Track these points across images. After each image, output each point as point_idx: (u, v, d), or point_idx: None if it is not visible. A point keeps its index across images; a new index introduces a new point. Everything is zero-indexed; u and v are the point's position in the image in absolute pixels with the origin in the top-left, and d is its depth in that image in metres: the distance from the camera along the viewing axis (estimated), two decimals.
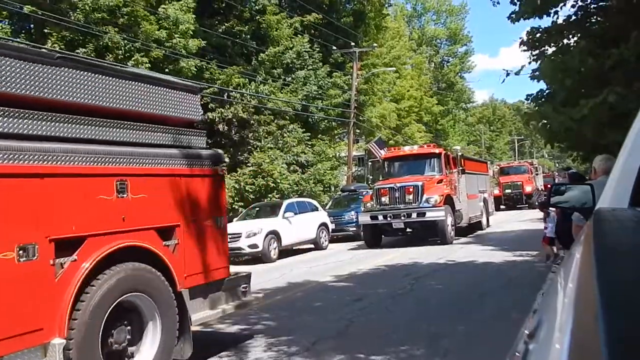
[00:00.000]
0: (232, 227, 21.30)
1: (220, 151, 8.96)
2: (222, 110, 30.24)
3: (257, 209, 24.29)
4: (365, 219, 22.57)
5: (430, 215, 21.37)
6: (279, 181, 28.89)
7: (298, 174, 31.07)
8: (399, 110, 56.55)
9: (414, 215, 21.58)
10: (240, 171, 28.75)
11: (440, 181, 22.57)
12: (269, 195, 28.50)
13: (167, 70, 26.25)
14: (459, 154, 24.46)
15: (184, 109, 8.46)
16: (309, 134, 34.32)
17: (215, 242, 8.45)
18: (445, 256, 18.11)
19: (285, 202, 23.53)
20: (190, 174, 8.07)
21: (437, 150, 23.99)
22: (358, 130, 42.25)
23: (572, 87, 13.63)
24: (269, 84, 32.55)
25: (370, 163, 28.99)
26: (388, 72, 48.43)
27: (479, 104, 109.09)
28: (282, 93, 33.39)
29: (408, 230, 22.75)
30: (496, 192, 43.37)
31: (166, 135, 8.08)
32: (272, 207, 23.65)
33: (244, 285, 9.07)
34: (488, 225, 28.73)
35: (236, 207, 26.64)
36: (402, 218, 21.76)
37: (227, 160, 27.58)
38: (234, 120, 30.47)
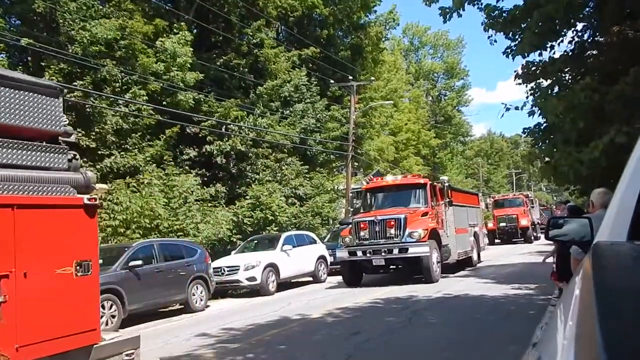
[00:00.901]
0: (231, 259, 21.41)
1: (90, 174, 6.95)
2: (221, 143, 30.04)
3: (256, 241, 23.99)
4: (343, 254, 20.46)
5: (414, 251, 19.41)
6: (277, 214, 28.52)
7: (296, 207, 30.71)
8: (396, 143, 56.49)
9: (396, 251, 19.59)
10: (238, 204, 28.26)
11: (425, 214, 20.60)
12: (267, 227, 28.13)
13: (164, 103, 26.17)
14: (446, 184, 22.32)
15: (37, 117, 6.33)
16: (307, 166, 34.00)
17: (77, 297, 6.37)
18: (442, 289, 17.84)
19: (284, 235, 23.26)
20: (37, 204, 6.04)
21: (422, 181, 22.05)
22: (356, 163, 41.84)
23: (583, 126, 13.48)
24: (267, 117, 32.32)
25: (351, 194, 28.26)
26: (385, 105, 48.16)
27: (476, 137, 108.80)
28: (280, 126, 33.21)
29: (391, 267, 21.00)
30: (490, 225, 42.60)
31: (4, 151, 6.04)
32: (271, 240, 23.37)
33: (130, 352, 7.01)
34: (479, 261, 26.77)
35: (234, 239, 26.07)
36: (383, 254, 19.74)
37: (224, 192, 28.51)
38: (232, 152, 30.33)
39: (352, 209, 24.96)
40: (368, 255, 19.82)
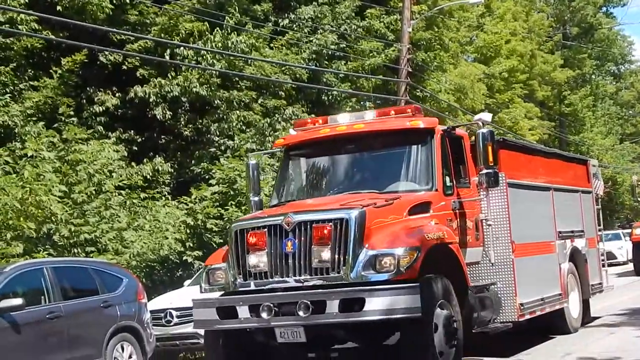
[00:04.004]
0: (182, 296, 17.01)
1: None
2: (162, 82, 24.35)
3: None
4: (204, 315, 12.31)
5: (379, 306, 10.73)
6: None
7: None
8: (490, 78, 46.78)
9: (333, 306, 10.82)
10: (195, 193, 22.90)
11: (422, 206, 12.04)
12: None
13: (59, 8, 22.76)
14: (486, 132, 12.61)
15: None
16: None
17: None
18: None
19: None
20: None
21: (420, 124, 12.95)
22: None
23: None
24: (248, 32, 26.73)
25: (253, 163, 15.47)
26: (470, 3, 39.41)
27: None
28: (272, 49, 27.98)
29: (329, 350, 13.10)
30: (638, 232, 31.57)
31: None
32: None
33: None
34: (585, 320, 17.27)
35: (190, 258, 21.11)
36: (301, 314, 10.92)
37: (170, 172, 25.32)
38: (184, 99, 25.57)
39: (253, 197, 14.89)
40: (264, 316, 11.14)
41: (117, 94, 24.85)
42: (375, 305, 10.53)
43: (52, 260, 16.18)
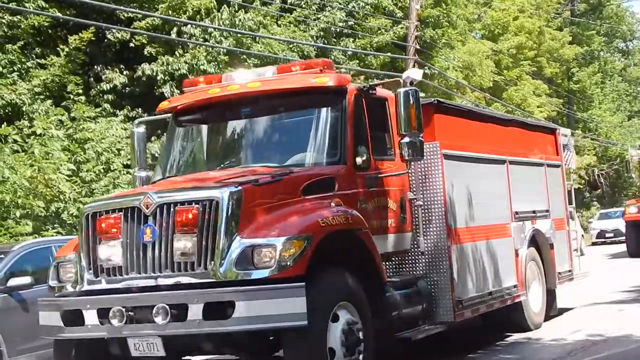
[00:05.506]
0: None
1: None
2: (170, 60, 24.28)
3: None
4: (48, 320, 9.57)
5: (250, 311, 8.05)
6: None
7: None
8: (498, 55, 46.64)
9: (195, 311, 8.16)
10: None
11: (323, 182, 9.47)
12: None
13: None
14: (405, 90, 9.96)
15: None
16: None
17: None
18: None
19: None
20: None
21: (327, 81, 10.18)
22: (422, 94, 32.29)
23: None
24: (256, 9, 26.78)
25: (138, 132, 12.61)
26: None
27: None
28: (279, 26, 28.24)
29: None
30: (632, 211, 29.09)
31: None
32: None
33: None
34: (549, 315, 14.55)
35: None
36: (158, 321, 8.28)
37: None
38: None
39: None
40: (115, 324, 8.62)
41: (124, 72, 24.60)
42: (248, 311, 8.20)
43: (61, 238, 15.64)
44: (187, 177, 10.06)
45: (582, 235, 36.97)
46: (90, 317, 8.62)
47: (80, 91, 22.62)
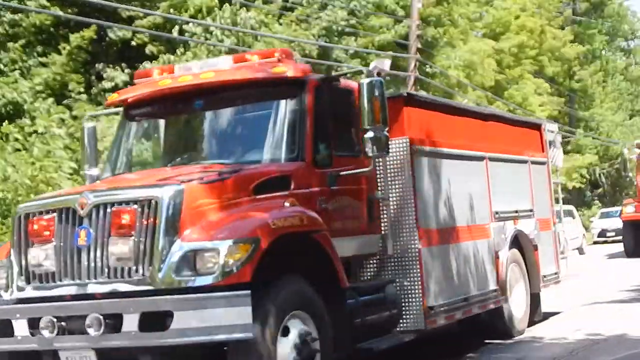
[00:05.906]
0: None
1: None
2: (171, 58, 24.28)
3: None
4: None
5: (189, 322, 7.23)
6: None
7: None
8: (499, 54, 46.25)
9: (131, 321, 7.33)
10: None
11: (277, 180, 8.74)
12: None
13: None
14: (369, 81, 9.05)
15: None
16: None
17: None
18: None
19: None
20: None
21: (287, 72, 9.34)
22: (423, 92, 34.87)
23: None
24: (257, 8, 27.22)
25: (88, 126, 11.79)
26: None
27: None
28: (281, 25, 28.26)
29: None
30: (629, 210, 29.04)
31: None
32: None
33: None
34: (533, 320, 13.87)
35: None
36: (91, 332, 7.50)
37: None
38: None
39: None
40: (46, 335, 7.75)
41: (126, 71, 24.34)
42: (187, 322, 7.60)
43: None
44: (135, 175, 9.62)
45: (584, 235, 37.08)
46: (20, 327, 8.10)
47: (82, 90, 22.72)
